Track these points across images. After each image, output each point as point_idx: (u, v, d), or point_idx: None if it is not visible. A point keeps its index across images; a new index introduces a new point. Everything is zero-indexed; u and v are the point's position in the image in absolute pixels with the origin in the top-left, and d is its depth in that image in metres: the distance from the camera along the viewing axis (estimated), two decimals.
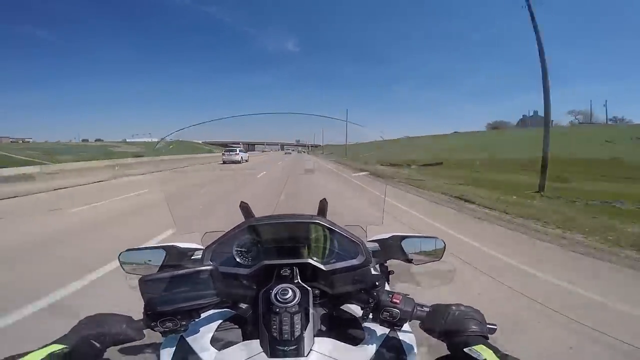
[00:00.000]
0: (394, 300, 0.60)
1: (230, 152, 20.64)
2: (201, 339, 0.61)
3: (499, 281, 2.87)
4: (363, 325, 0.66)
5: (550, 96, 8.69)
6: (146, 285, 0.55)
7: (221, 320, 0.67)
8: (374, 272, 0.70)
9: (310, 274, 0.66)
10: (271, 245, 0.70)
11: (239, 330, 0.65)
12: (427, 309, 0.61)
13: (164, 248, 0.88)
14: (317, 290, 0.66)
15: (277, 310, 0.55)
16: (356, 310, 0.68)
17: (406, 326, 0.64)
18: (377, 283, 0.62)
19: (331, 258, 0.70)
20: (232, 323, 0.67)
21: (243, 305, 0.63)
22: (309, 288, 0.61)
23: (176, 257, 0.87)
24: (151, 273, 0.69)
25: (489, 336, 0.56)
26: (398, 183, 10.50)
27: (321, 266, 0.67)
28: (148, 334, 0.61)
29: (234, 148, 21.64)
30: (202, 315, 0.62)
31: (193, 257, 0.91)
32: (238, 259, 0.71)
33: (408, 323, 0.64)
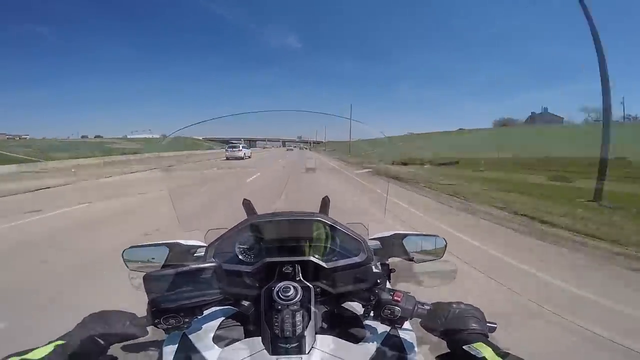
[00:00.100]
0: (395, 298, 0.61)
1: (233, 149, 20.96)
2: (203, 336, 0.62)
3: None
4: (364, 323, 0.67)
5: (610, 92, 7.74)
6: (150, 282, 0.56)
7: (223, 317, 0.68)
8: (375, 270, 0.71)
9: (312, 272, 0.67)
10: (273, 242, 0.71)
11: (241, 327, 0.66)
12: (428, 307, 0.62)
13: (167, 245, 0.89)
14: (319, 287, 0.67)
15: (279, 307, 0.56)
16: (357, 308, 0.69)
17: (407, 324, 0.66)
18: (379, 281, 0.64)
19: (333, 256, 0.71)
20: (234, 320, 0.68)
21: (245, 302, 0.64)
22: (311, 286, 0.62)
23: (179, 255, 0.88)
24: (155, 270, 0.71)
25: (489, 334, 0.58)
26: (424, 189, 8.82)
27: (323, 264, 0.67)
28: (151, 331, 0.62)
29: (237, 145, 21.91)
30: (205, 312, 0.63)
31: (196, 255, 0.92)
32: (241, 257, 0.72)
33: (409, 321, 0.65)
